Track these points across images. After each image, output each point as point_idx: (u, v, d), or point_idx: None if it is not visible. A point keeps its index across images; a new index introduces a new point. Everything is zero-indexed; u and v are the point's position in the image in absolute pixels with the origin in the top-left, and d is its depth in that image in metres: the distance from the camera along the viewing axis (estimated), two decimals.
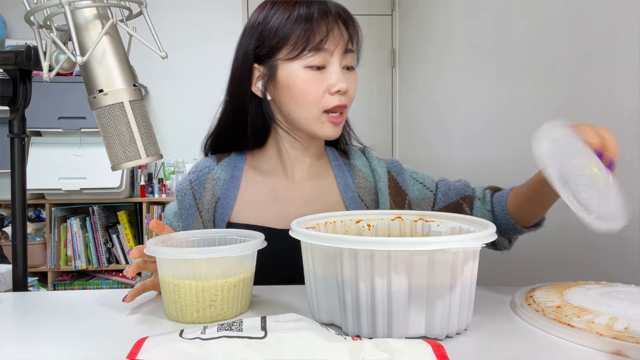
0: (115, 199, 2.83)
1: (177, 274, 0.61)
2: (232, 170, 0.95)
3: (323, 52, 0.83)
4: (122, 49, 0.64)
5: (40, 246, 2.81)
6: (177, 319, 0.62)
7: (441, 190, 0.95)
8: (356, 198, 0.93)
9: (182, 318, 0.62)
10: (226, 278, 0.62)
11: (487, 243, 0.85)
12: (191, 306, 0.61)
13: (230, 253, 0.62)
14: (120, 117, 0.61)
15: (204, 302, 0.61)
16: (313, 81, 0.83)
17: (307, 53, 0.82)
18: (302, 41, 0.82)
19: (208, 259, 0.61)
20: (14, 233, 0.84)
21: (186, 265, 0.61)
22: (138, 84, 0.65)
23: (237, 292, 0.63)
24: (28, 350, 0.54)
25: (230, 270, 0.63)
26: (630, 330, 0.51)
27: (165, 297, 0.63)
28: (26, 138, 0.84)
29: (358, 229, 0.73)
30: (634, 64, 0.91)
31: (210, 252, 0.61)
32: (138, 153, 0.62)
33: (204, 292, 0.61)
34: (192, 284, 0.60)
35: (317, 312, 0.60)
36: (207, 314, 0.61)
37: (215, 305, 0.62)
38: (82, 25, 0.61)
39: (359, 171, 0.96)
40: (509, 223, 0.87)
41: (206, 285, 0.61)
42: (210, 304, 0.61)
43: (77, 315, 0.66)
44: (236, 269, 0.63)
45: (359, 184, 0.95)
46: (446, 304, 0.53)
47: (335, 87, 0.84)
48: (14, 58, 0.80)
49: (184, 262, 0.61)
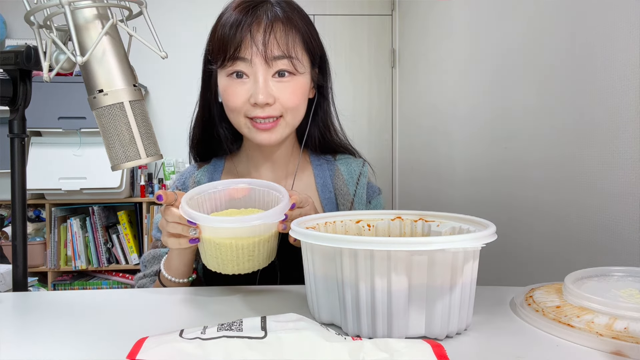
0: (115, 199, 2.83)
1: (218, 235, 0.67)
2: (212, 175, 0.98)
3: (241, 61, 0.81)
4: (122, 49, 0.64)
5: (40, 246, 2.81)
6: (219, 269, 0.70)
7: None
8: (333, 199, 0.93)
9: (224, 269, 0.70)
10: (261, 235, 0.68)
11: None
12: (232, 261, 0.68)
13: (267, 220, 0.66)
14: (120, 117, 0.61)
15: (243, 257, 0.68)
16: (234, 89, 0.83)
17: (226, 62, 0.82)
18: (221, 51, 0.82)
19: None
20: (14, 233, 0.84)
21: (227, 230, 0.67)
22: (138, 84, 0.65)
23: (270, 245, 0.71)
24: (28, 350, 0.54)
25: (265, 229, 0.69)
26: (630, 330, 0.51)
27: (206, 251, 0.69)
28: (26, 138, 0.84)
29: (358, 229, 0.73)
30: (634, 64, 0.91)
31: (249, 220, 0.65)
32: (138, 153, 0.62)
33: (244, 250, 0.68)
34: (232, 243, 0.67)
35: (317, 312, 0.60)
36: (245, 266, 0.69)
37: (253, 259, 0.69)
38: (82, 25, 0.61)
39: (341, 176, 0.96)
40: None
41: (245, 243, 0.67)
42: (249, 257, 0.69)
43: (77, 315, 0.66)
44: (269, 228, 0.70)
45: (337, 186, 0.95)
46: (446, 304, 0.53)
47: (252, 99, 0.82)
48: (14, 58, 0.80)
49: (225, 229, 0.66)
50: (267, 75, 0.82)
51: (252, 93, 0.82)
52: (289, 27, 0.83)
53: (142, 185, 2.92)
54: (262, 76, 0.81)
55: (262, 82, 0.81)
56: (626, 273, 0.66)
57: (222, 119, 0.93)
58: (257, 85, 0.81)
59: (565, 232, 1.13)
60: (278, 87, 0.83)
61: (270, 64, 0.81)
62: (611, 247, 0.98)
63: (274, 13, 0.82)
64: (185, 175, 1.00)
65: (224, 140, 0.96)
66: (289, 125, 0.87)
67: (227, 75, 0.84)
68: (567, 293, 0.61)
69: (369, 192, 0.99)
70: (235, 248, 0.68)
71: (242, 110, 0.84)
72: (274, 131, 0.86)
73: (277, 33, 0.81)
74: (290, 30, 0.83)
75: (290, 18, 0.83)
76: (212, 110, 0.94)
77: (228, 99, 0.84)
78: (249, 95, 0.82)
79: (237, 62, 0.81)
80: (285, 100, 0.83)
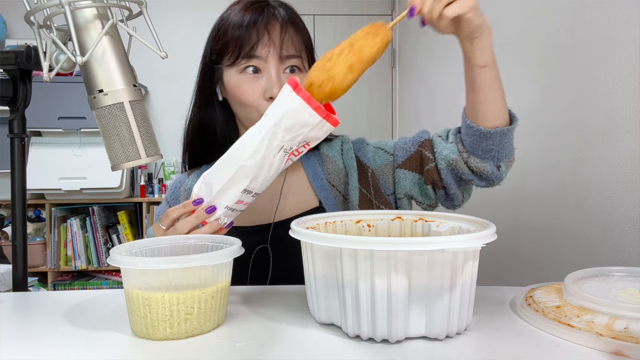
0: (115, 199, 2.83)
1: (147, 286, 0.56)
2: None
3: (256, 59, 0.83)
4: (122, 49, 0.64)
5: (40, 246, 2.81)
6: (147, 336, 0.57)
7: (399, 147, 0.93)
8: (326, 185, 0.93)
9: (154, 335, 0.56)
10: (203, 288, 0.57)
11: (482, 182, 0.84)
12: (164, 321, 0.56)
13: (208, 261, 0.57)
14: (120, 117, 0.61)
15: (179, 316, 0.56)
16: (249, 84, 0.84)
17: (241, 61, 0.84)
18: (235, 50, 0.83)
19: (184, 268, 0.56)
20: (14, 233, 0.84)
21: (159, 276, 0.57)
22: (138, 84, 0.65)
23: (215, 303, 0.59)
24: (28, 350, 0.54)
25: (207, 279, 0.58)
26: (629, 330, 0.51)
27: (133, 312, 0.57)
28: (26, 138, 0.84)
29: (358, 229, 0.73)
30: (634, 64, 0.91)
31: (187, 261, 0.56)
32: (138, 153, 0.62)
33: (179, 305, 0.56)
34: (165, 297, 0.55)
35: (317, 312, 0.60)
36: (181, 328, 0.56)
37: (192, 319, 0.57)
38: (82, 25, 0.61)
39: (327, 157, 0.96)
40: (472, 130, 0.81)
41: (182, 297, 0.56)
42: (185, 317, 0.56)
43: (77, 315, 0.65)
44: (214, 278, 0.59)
45: (328, 170, 0.95)
46: (446, 303, 0.53)
47: (268, 93, 0.83)
48: (14, 58, 0.80)
49: (156, 273, 0.57)
50: (279, 70, 0.84)
51: (266, 88, 0.83)
52: (297, 27, 0.87)
53: (142, 185, 2.92)
54: (275, 70, 0.83)
55: (276, 76, 0.83)
56: (626, 273, 0.66)
57: (221, 117, 0.93)
58: (271, 79, 0.83)
59: (565, 232, 1.13)
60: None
61: (283, 60, 0.84)
62: (611, 247, 0.98)
63: (283, 14, 0.85)
64: (175, 185, 1.00)
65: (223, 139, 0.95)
66: None
67: (240, 72, 0.84)
68: (567, 293, 0.61)
69: (357, 146, 0.97)
70: (169, 303, 0.56)
71: (255, 105, 0.85)
72: None
73: (291, 33, 0.85)
74: (299, 31, 0.86)
75: (297, 20, 0.87)
76: (210, 109, 0.93)
77: (242, 94, 0.85)
78: (264, 90, 0.84)
79: (252, 60, 0.83)
80: None
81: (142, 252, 0.65)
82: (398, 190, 0.92)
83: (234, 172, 0.68)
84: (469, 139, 0.82)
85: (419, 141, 0.90)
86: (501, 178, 0.85)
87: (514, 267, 1.40)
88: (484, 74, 0.77)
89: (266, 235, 0.89)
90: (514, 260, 1.39)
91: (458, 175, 0.85)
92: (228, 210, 0.72)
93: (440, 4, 0.69)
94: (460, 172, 0.84)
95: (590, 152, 1.04)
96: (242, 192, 0.70)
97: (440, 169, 0.86)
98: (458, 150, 0.84)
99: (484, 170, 0.83)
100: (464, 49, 0.78)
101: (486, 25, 0.75)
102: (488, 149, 0.81)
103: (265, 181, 0.70)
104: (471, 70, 0.78)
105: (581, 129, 1.07)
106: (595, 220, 1.02)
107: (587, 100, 1.06)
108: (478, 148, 0.82)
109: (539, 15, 1.27)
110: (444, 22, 0.71)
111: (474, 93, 0.80)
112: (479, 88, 0.78)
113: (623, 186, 0.93)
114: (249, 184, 0.69)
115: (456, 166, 0.84)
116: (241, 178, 0.69)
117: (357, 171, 0.93)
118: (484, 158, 0.82)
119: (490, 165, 0.83)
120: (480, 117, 0.80)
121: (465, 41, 0.77)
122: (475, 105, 0.80)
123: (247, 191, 0.70)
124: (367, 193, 0.92)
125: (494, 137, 0.80)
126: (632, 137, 0.91)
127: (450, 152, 0.84)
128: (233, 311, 0.66)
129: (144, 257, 0.61)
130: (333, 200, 0.91)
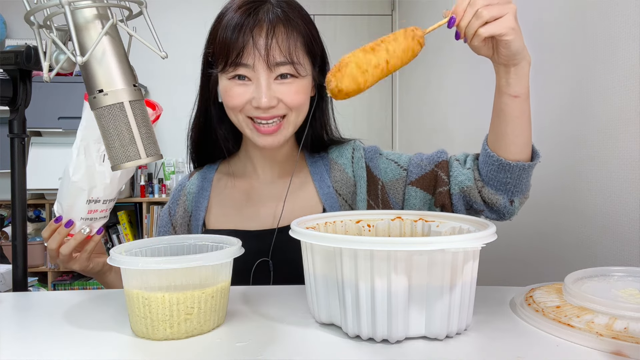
0: None
1: (147, 286, 0.57)
2: (201, 182, 0.98)
3: (243, 67, 0.80)
4: (122, 49, 0.64)
5: (40, 246, 2.82)
6: (147, 336, 0.57)
7: (414, 163, 0.90)
8: (332, 193, 0.91)
9: (154, 334, 0.56)
10: (203, 288, 0.58)
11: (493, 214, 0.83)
12: (164, 321, 0.56)
13: (208, 261, 0.57)
14: (120, 117, 0.61)
15: (179, 316, 0.56)
16: (235, 91, 0.82)
17: (228, 68, 0.81)
18: (222, 57, 0.81)
19: (184, 268, 0.56)
20: (14, 233, 0.84)
21: (159, 276, 0.57)
22: (138, 84, 0.65)
23: (215, 303, 0.59)
24: (28, 350, 0.54)
25: (207, 279, 0.58)
26: (629, 330, 0.51)
27: (133, 312, 0.57)
28: (26, 138, 0.84)
29: (358, 229, 0.73)
30: (634, 64, 0.91)
31: (186, 261, 0.56)
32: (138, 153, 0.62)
33: (179, 305, 0.56)
34: (165, 297, 0.56)
35: (317, 312, 0.60)
36: (181, 328, 0.57)
37: (192, 319, 0.57)
38: (82, 25, 0.61)
39: (336, 164, 0.94)
40: (493, 160, 0.78)
41: (181, 297, 0.56)
42: (185, 317, 0.57)
43: (77, 315, 0.65)
44: (214, 278, 0.59)
45: (335, 178, 0.93)
46: (446, 303, 0.53)
47: (255, 102, 0.81)
48: (14, 58, 0.80)
49: (156, 273, 0.57)
50: (269, 78, 0.81)
51: (254, 96, 0.81)
52: (290, 29, 0.81)
53: (142, 185, 2.92)
54: (264, 80, 0.80)
55: (265, 85, 0.80)
56: (626, 273, 0.66)
57: (221, 120, 0.93)
58: (259, 89, 0.80)
59: (565, 232, 1.13)
60: (281, 89, 0.82)
61: (272, 69, 0.80)
62: (611, 247, 0.98)
63: (275, 15, 0.80)
64: (177, 188, 1.01)
65: (223, 142, 0.96)
66: (293, 124, 0.86)
67: (229, 78, 0.83)
68: (567, 293, 0.61)
69: (368, 155, 0.94)
70: (169, 303, 0.56)
71: (242, 110, 0.83)
72: (278, 134, 0.85)
73: (278, 37, 0.80)
74: (291, 33, 0.81)
75: (291, 19, 0.82)
76: (210, 112, 0.93)
77: (229, 100, 0.83)
78: (251, 97, 0.81)
79: (239, 68, 0.80)
80: (289, 100, 0.82)
81: (142, 252, 0.66)
82: (406, 208, 0.89)
83: (69, 190, 0.78)
84: (486, 167, 0.80)
85: (436, 161, 0.88)
86: (513, 213, 0.83)
87: (514, 267, 1.40)
88: (515, 105, 0.73)
89: (269, 241, 0.88)
90: (514, 261, 1.39)
91: (469, 204, 0.83)
92: (86, 221, 0.81)
93: (478, 20, 0.65)
94: (473, 201, 0.82)
95: (590, 152, 1.04)
96: (87, 203, 0.79)
97: (452, 193, 0.84)
98: (474, 177, 0.82)
99: (496, 202, 0.81)
100: (498, 75, 0.74)
101: (526, 54, 0.71)
102: (505, 181, 0.79)
103: (108, 186, 0.79)
104: (501, 98, 0.74)
105: (581, 129, 1.07)
106: (595, 220, 1.02)
107: (586, 100, 1.06)
108: (494, 179, 0.79)
109: (538, 15, 1.27)
110: (477, 40, 0.67)
111: (500, 122, 0.76)
112: (506, 118, 0.75)
113: (623, 186, 0.93)
114: (89, 195, 0.79)
115: (469, 194, 0.82)
116: (78, 192, 0.78)
117: (367, 182, 0.91)
118: (499, 190, 0.80)
119: (503, 198, 0.80)
120: (503, 149, 0.77)
121: (500, 66, 0.73)
122: (499, 135, 0.77)
123: (92, 201, 0.80)
124: (375, 206, 0.90)
125: (513, 170, 0.77)
126: (632, 138, 0.91)
127: (466, 179, 0.82)
128: (233, 311, 0.66)
129: (144, 257, 0.61)
130: (338, 208, 0.90)
